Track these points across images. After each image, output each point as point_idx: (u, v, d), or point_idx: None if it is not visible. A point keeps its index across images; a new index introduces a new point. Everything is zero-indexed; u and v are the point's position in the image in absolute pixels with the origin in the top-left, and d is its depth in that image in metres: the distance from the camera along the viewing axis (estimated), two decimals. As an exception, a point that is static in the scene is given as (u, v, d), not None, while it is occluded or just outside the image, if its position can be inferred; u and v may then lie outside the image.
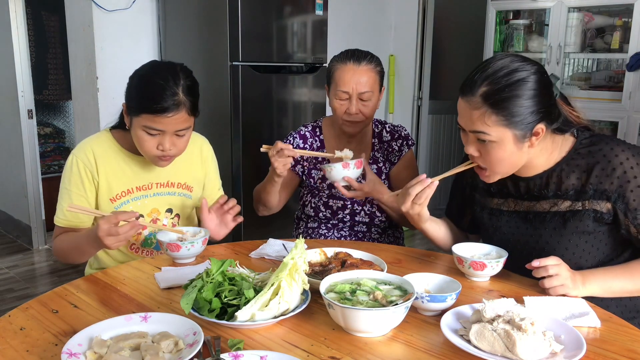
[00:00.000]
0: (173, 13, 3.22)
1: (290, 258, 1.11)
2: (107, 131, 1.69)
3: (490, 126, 1.26)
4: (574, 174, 1.34)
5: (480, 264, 1.31)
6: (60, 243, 1.60)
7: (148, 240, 1.70)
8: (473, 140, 1.32)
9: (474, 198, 1.54)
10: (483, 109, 1.25)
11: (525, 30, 3.59)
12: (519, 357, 0.94)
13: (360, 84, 1.79)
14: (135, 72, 1.57)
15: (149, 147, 1.53)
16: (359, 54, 1.83)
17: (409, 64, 4.53)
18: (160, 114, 1.47)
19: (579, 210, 1.34)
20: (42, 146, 4.53)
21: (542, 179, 1.38)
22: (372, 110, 1.84)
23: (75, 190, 1.60)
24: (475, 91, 1.26)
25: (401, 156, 1.95)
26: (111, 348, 0.96)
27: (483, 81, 1.26)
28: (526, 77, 1.25)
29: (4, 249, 4.04)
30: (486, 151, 1.31)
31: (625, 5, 3.13)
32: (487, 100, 1.25)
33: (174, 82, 1.49)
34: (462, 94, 1.30)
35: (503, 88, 1.24)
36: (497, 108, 1.24)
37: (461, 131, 1.36)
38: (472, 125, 1.29)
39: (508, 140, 1.27)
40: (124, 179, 1.64)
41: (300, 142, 1.97)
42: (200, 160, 1.77)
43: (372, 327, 1.05)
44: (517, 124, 1.25)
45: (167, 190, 1.71)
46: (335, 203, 1.94)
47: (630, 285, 1.29)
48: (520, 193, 1.43)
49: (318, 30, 3.20)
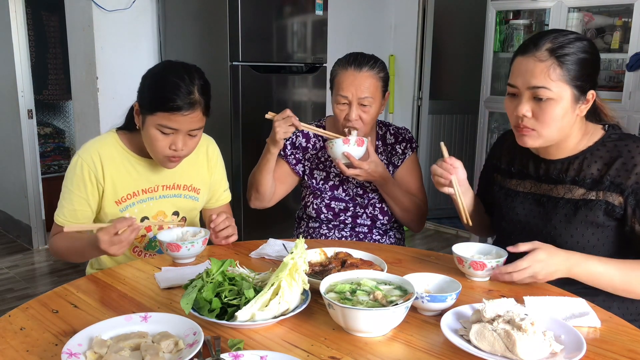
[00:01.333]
0: (173, 13, 3.23)
1: (290, 258, 1.11)
2: (113, 132, 1.67)
3: (553, 81, 1.31)
4: (595, 164, 1.39)
5: (480, 263, 1.31)
6: (58, 242, 1.59)
7: (152, 243, 1.70)
8: (528, 99, 1.35)
9: (495, 180, 1.60)
10: (549, 62, 1.31)
11: (525, 30, 3.59)
12: (519, 357, 0.94)
13: (360, 90, 1.76)
14: (148, 71, 1.57)
15: (161, 146, 1.52)
16: (361, 59, 1.80)
17: (409, 64, 4.53)
18: (176, 112, 1.47)
19: (591, 200, 1.37)
20: (42, 146, 4.53)
21: (563, 163, 1.43)
22: (372, 116, 1.81)
23: (77, 192, 1.59)
24: (540, 46, 1.32)
25: (405, 159, 1.93)
26: (111, 348, 0.96)
27: (548, 38, 1.33)
28: (583, 39, 1.34)
29: (4, 249, 4.04)
30: (541, 110, 1.34)
31: (625, 5, 3.13)
32: (554, 53, 1.31)
33: (190, 81, 1.49)
34: (523, 52, 1.35)
35: (568, 43, 1.32)
36: (563, 62, 1.31)
37: (508, 97, 1.41)
38: (533, 80, 1.32)
39: (566, 98, 1.32)
40: (130, 181, 1.63)
41: (302, 141, 1.96)
42: (206, 161, 1.76)
43: (372, 327, 1.05)
44: (576, 82, 1.32)
45: (173, 193, 1.70)
46: (337, 205, 1.92)
47: (618, 280, 1.29)
48: (539, 175, 1.47)
49: (318, 30, 3.20)
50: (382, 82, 1.82)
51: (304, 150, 1.96)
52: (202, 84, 1.53)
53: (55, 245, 1.61)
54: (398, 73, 4.58)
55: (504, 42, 3.65)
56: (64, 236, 1.58)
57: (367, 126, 1.83)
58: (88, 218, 1.62)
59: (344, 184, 1.93)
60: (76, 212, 1.60)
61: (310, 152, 1.96)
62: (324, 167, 1.95)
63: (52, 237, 1.62)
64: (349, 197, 1.93)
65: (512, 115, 1.40)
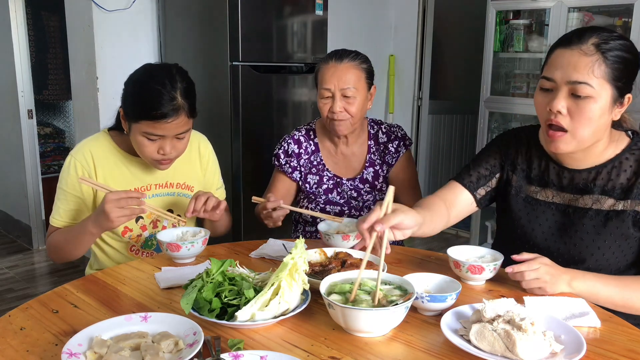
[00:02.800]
0: (173, 13, 3.22)
1: (290, 258, 1.11)
2: (105, 132, 1.67)
3: (597, 77, 1.23)
4: (625, 173, 1.34)
5: (478, 267, 1.29)
6: (55, 238, 1.59)
7: (148, 242, 1.70)
8: (565, 95, 1.27)
9: (510, 179, 1.49)
10: (595, 57, 1.24)
11: (525, 30, 3.58)
12: (519, 357, 0.94)
13: (342, 81, 1.75)
14: (129, 77, 1.55)
15: (149, 152, 1.52)
16: (342, 52, 1.80)
17: (409, 64, 4.53)
18: (160, 120, 1.45)
19: (622, 211, 1.32)
20: (42, 146, 4.53)
21: (590, 172, 1.36)
22: (358, 108, 1.79)
23: (72, 191, 1.59)
24: (585, 40, 1.25)
25: (398, 157, 1.91)
26: (111, 348, 0.96)
27: (593, 33, 1.26)
28: (627, 38, 1.28)
29: (4, 249, 4.04)
30: (578, 108, 1.26)
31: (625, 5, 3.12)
32: (599, 48, 1.24)
33: (172, 86, 1.47)
34: (566, 44, 1.28)
35: (613, 40, 1.25)
36: (608, 58, 1.24)
37: (540, 92, 1.32)
38: (575, 74, 1.24)
39: (605, 98, 1.25)
40: (123, 181, 1.64)
41: (295, 148, 1.93)
42: (198, 158, 1.76)
43: (372, 327, 1.05)
44: (618, 82, 1.25)
45: (166, 191, 1.70)
46: (332, 209, 1.91)
47: (618, 297, 1.25)
48: (562, 185, 1.40)
49: (318, 30, 3.20)
50: (365, 73, 1.80)
51: (298, 156, 1.93)
52: (185, 86, 1.50)
53: (52, 242, 1.60)
54: (398, 73, 4.58)
55: (504, 42, 3.64)
56: (60, 231, 1.59)
57: (354, 118, 1.80)
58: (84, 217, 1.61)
59: (338, 187, 1.92)
60: (73, 212, 1.60)
61: (303, 158, 1.93)
62: (317, 172, 1.94)
63: (48, 237, 1.62)
64: (344, 200, 1.92)
65: (544, 111, 1.31)
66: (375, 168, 1.92)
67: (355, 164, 1.94)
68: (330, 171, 1.92)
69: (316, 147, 1.94)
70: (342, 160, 1.94)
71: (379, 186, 1.92)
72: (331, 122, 1.81)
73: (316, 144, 1.95)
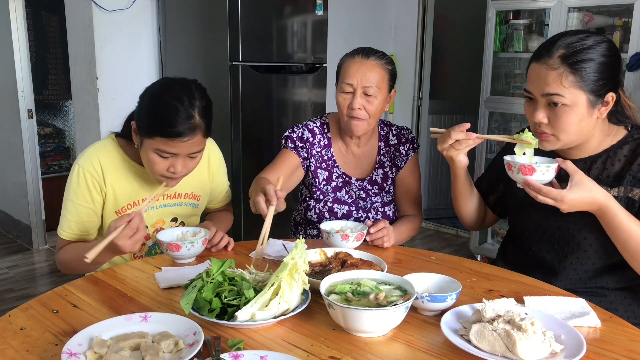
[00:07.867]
0: (173, 13, 3.23)
1: (290, 258, 1.11)
2: (112, 139, 1.61)
3: (566, 88, 1.29)
4: (619, 162, 1.38)
5: (529, 167, 1.29)
6: (66, 256, 1.52)
7: (152, 250, 1.69)
8: (543, 106, 1.34)
9: None
10: (561, 70, 1.29)
11: (525, 30, 3.58)
12: (519, 357, 0.94)
13: (366, 78, 1.72)
14: (146, 90, 1.48)
15: (159, 169, 1.46)
16: (369, 50, 1.78)
17: (409, 64, 4.53)
18: (175, 138, 1.40)
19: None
20: (42, 146, 4.53)
21: (586, 162, 1.41)
22: (377, 108, 1.76)
23: (83, 202, 1.53)
24: (553, 53, 1.31)
25: (407, 160, 1.89)
26: (111, 348, 0.96)
27: (561, 45, 1.31)
28: (600, 42, 1.32)
29: (4, 249, 4.04)
30: (556, 117, 1.33)
31: (625, 5, 3.12)
32: (565, 60, 1.29)
33: (190, 104, 1.41)
34: (537, 58, 1.35)
35: (581, 50, 1.30)
36: (575, 69, 1.29)
37: (526, 101, 1.40)
38: (547, 87, 1.31)
39: (581, 104, 1.30)
40: (131, 191, 1.59)
41: (309, 136, 1.87)
42: (207, 168, 1.73)
43: (372, 327, 1.05)
44: (592, 87, 1.30)
45: (174, 202, 1.67)
46: (340, 209, 1.86)
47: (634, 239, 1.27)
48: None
49: (318, 30, 3.20)
50: (388, 74, 1.79)
51: (311, 145, 1.87)
52: (204, 105, 1.45)
53: (64, 257, 1.53)
54: (398, 73, 4.55)
55: (504, 42, 3.65)
56: (71, 247, 1.52)
57: (371, 119, 1.77)
58: (96, 228, 1.58)
59: (347, 186, 1.89)
60: (84, 223, 1.55)
61: (315, 149, 1.88)
62: (327, 167, 1.88)
63: (58, 252, 1.56)
64: (352, 200, 1.88)
65: (530, 120, 1.39)
66: (385, 170, 1.89)
67: (365, 165, 1.91)
68: (340, 169, 1.89)
69: (329, 141, 1.90)
70: (352, 160, 1.91)
71: (387, 188, 1.89)
72: (349, 119, 1.77)
73: (329, 139, 1.90)
